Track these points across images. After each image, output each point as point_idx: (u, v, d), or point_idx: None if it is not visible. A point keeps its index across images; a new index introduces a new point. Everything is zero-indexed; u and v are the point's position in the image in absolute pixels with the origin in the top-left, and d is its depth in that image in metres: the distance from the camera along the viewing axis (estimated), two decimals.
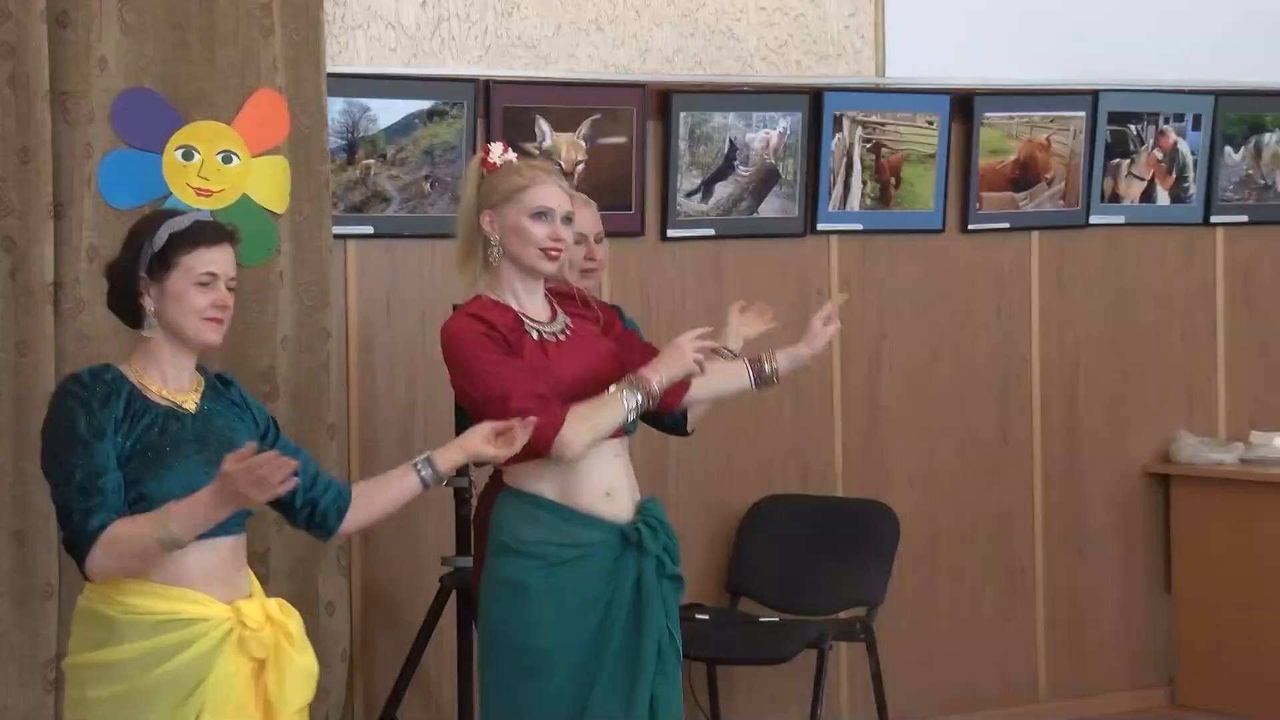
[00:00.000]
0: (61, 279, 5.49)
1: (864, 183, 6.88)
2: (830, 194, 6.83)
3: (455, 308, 4.69)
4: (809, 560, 6.60)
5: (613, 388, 4.48)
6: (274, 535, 5.68)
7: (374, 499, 4.30)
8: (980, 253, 7.17)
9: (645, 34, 6.55)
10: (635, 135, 6.46)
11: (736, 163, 6.65)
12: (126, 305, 4.12)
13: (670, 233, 6.59)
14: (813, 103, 6.75)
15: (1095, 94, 7.25)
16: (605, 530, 4.54)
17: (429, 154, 6.18)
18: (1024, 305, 7.26)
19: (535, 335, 4.54)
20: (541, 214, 4.54)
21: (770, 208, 6.74)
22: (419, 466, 4.28)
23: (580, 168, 6.38)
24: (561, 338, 4.58)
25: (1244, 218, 7.65)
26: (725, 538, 6.67)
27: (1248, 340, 7.68)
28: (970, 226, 7.10)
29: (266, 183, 5.70)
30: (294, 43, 5.76)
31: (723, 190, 6.64)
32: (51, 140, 5.45)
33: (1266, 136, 7.65)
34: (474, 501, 5.81)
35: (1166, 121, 7.43)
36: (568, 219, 4.58)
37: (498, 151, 4.62)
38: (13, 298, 5.46)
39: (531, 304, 4.59)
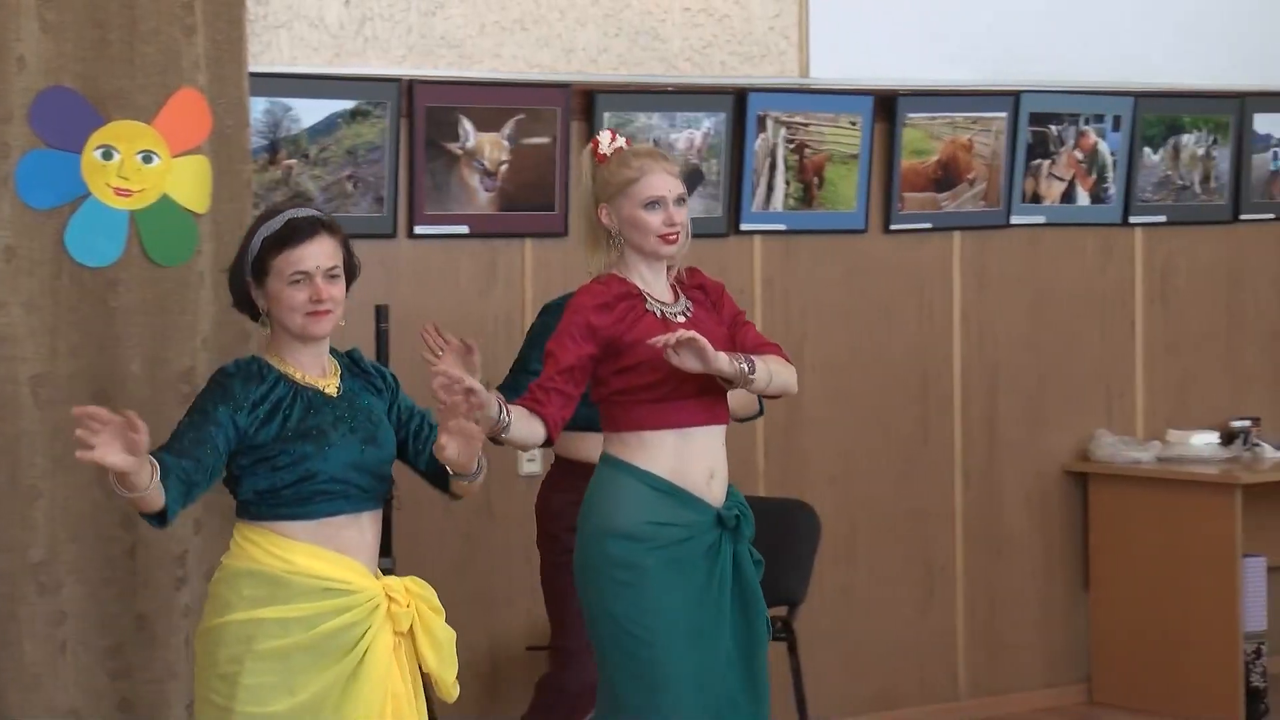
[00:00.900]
0: None
1: (787, 183, 6.89)
2: (754, 194, 6.84)
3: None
4: None
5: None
6: (192, 538, 5.65)
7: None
8: (902, 253, 7.19)
9: (569, 34, 6.54)
10: (559, 135, 6.45)
11: None
12: (246, 307, 4.33)
13: None
14: (737, 103, 6.76)
15: (1017, 95, 7.28)
16: (705, 512, 4.70)
17: (352, 154, 6.15)
18: (945, 305, 7.29)
19: (658, 313, 4.72)
20: (654, 203, 4.71)
21: (694, 208, 6.71)
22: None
23: (504, 168, 6.37)
24: (681, 319, 4.73)
25: (1162, 218, 7.71)
26: None
27: (1165, 340, 7.74)
28: (892, 227, 7.13)
29: (187, 183, 5.65)
30: (216, 42, 5.71)
31: None
32: None
33: (1185, 138, 7.70)
34: (395, 504, 5.81)
35: (1087, 122, 7.48)
36: (680, 200, 4.75)
37: (606, 141, 4.79)
38: None
39: (656, 286, 4.77)
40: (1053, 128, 7.40)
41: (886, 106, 7.05)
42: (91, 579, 5.54)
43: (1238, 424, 7.69)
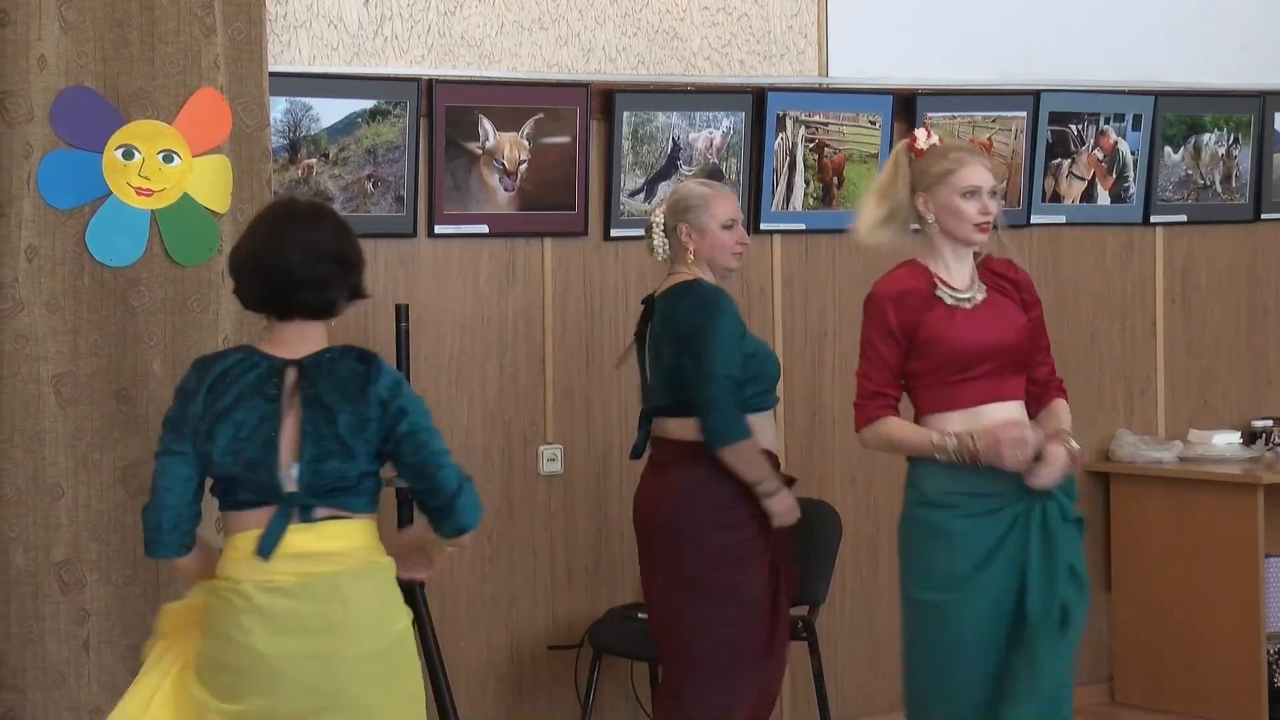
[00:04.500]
0: (0, 279, 5.44)
1: (807, 183, 6.89)
2: (773, 194, 6.84)
3: None
4: None
5: (945, 439, 4.95)
6: (214, 536, 5.64)
7: None
8: None
9: (588, 33, 6.55)
10: (578, 135, 6.46)
11: (680, 162, 6.66)
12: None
13: (613, 232, 6.59)
14: (756, 102, 6.76)
15: (1036, 94, 7.27)
16: (1009, 480, 4.98)
17: (371, 153, 6.16)
18: None
19: (948, 299, 5.05)
20: (971, 193, 5.06)
21: None
22: None
23: (523, 167, 6.38)
24: (968, 305, 5.08)
25: (1183, 217, 7.69)
26: None
27: (1186, 339, 7.73)
28: (913, 226, 7.10)
29: (208, 182, 5.66)
30: (236, 41, 5.73)
31: (665, 190, 6.64)
32: None
33: (1205, 137, 7.69)
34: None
35: (1107, 122, 7.47)
36: (993, 193, 5.12)
37: (923, 137, 5.13)
38: None
39: (957, 272, 5.11)
40: (1073, 127, 7.39)
41: (906, 106, 7.04)
42: (114, 578, 5.55)
43: (1260, 423, 7.67)
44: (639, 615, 6.27)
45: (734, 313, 5.59)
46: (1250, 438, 7.62)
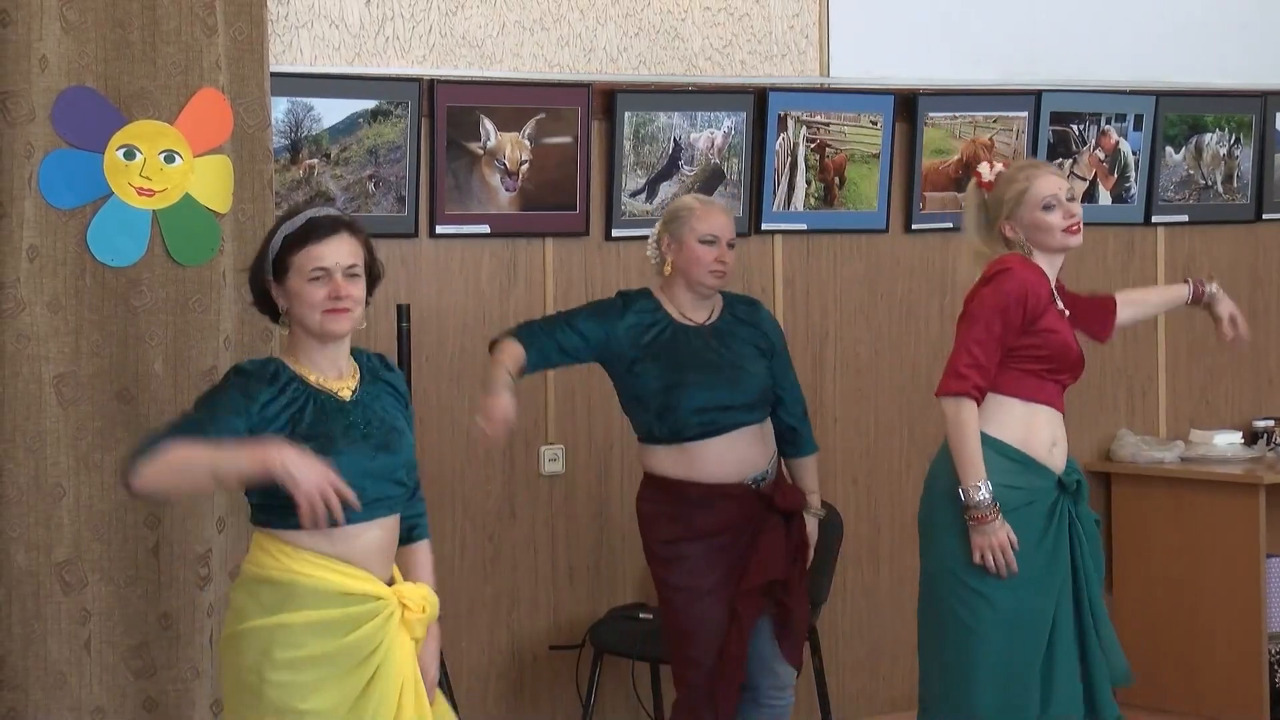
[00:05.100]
0: (2, 279, 5.45)
1: (808, 182, 6.90)
2: (775, 194, 6.84)
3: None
4: None
5: (982, 488, 5.04)
6: (215, 536, 5.66)
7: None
8: (923, 252, 7.18)
9: (590, 33, 6.55)
10: (580, 135, 6.46)
11: (681, 162, 6.66)
12: (265, 307, 4.30)
13: (615, 232, 6.59)
14: (757, 102, 6.77)
15: (1038, 94, 7.28)
16: (1049, 479, 5.16)
17: (373, 154, 6.16)
18: None
19: (1059, 306, 5.22)
20: (1050, 204, 5.18)
21: None
22: None
23: (525, 167, 6.38)
24: (1066, 315, 5.27)
25: (1184, 217, 7.70)
26: None
27: (1188, 340, 7.73)
28: (914, 226, 7.12)
29: (209, 182, 5.67)
30: (237, 41, 5.73)
31: (667, 190, 6.65)
32: None
33: (1207, 137, 7.70)
34: None
35: (1108, 122, 7.47)
36: (1071, 197, 5.24)
37: (987, 171, 5.30)
38: None
39: (1054, 276, 5.26)
40: (1074, 127, 7.39)
41: (907, 106, 7.05)
42: (116, 577, 5.56)
43: (1261, 424, 7.68)
44: (640, 615, 6.28)
45: (616, 309, 5.65)
46: (1251, 438, 7.62)
